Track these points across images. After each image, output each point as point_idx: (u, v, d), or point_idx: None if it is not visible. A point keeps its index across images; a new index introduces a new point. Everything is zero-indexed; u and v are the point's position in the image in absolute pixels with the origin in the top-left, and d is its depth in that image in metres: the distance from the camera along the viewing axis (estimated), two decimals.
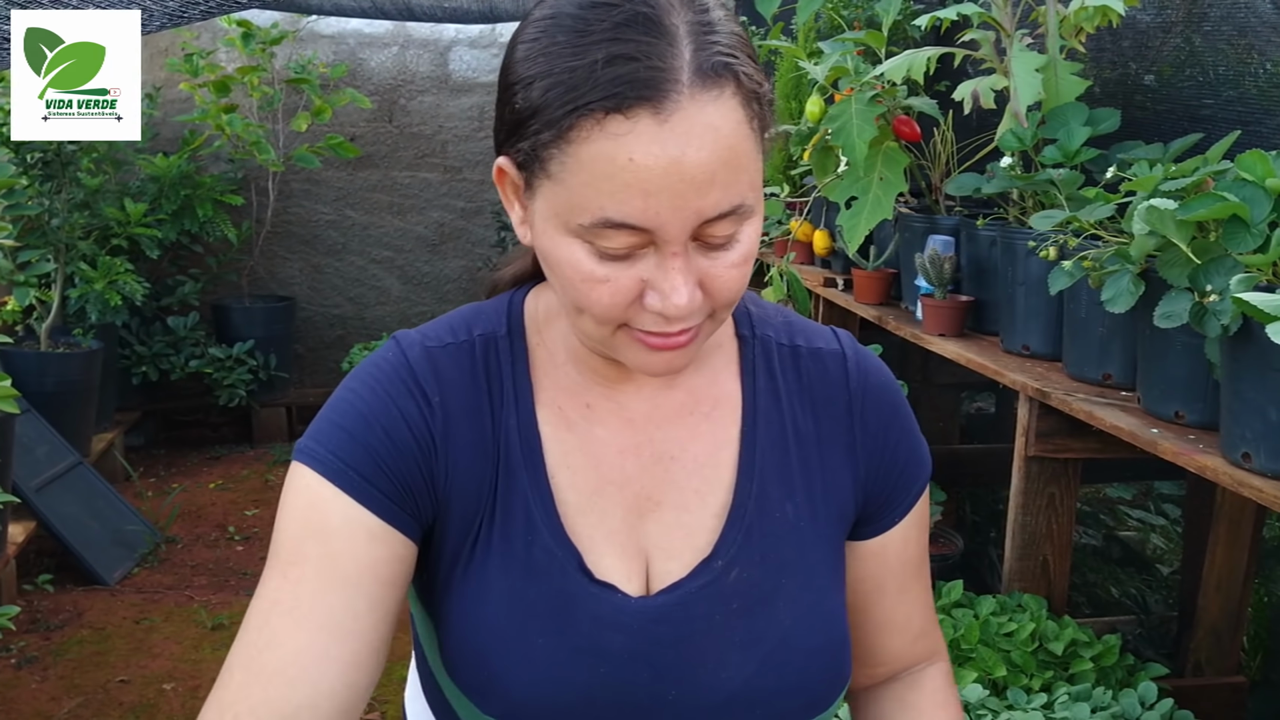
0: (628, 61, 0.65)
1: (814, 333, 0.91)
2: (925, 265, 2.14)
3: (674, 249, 0.69)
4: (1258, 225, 1.33)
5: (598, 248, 0.70)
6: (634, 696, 0.79)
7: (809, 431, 0.86)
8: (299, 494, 0.78)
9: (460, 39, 5.18)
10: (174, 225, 4.57)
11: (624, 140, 0.65)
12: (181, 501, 4.14)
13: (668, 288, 0.70)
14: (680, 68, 0.66)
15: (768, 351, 0.88)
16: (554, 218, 0.71)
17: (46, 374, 3.82)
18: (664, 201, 0.67)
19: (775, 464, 0.84)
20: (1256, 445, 1.32)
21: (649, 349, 0.74)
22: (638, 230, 0.68)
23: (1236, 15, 1.89)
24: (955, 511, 3.11)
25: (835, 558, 0.87)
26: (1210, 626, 2.15)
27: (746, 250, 0.73)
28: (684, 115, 0.66)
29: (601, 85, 0.65)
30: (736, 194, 0.69)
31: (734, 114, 0.68)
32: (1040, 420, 1.81)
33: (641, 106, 0.65)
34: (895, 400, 0.91)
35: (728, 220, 0.69)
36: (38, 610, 3.24)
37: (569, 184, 0.68)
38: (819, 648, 0.83)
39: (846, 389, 0.88)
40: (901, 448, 0.90)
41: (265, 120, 4.83)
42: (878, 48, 2.23)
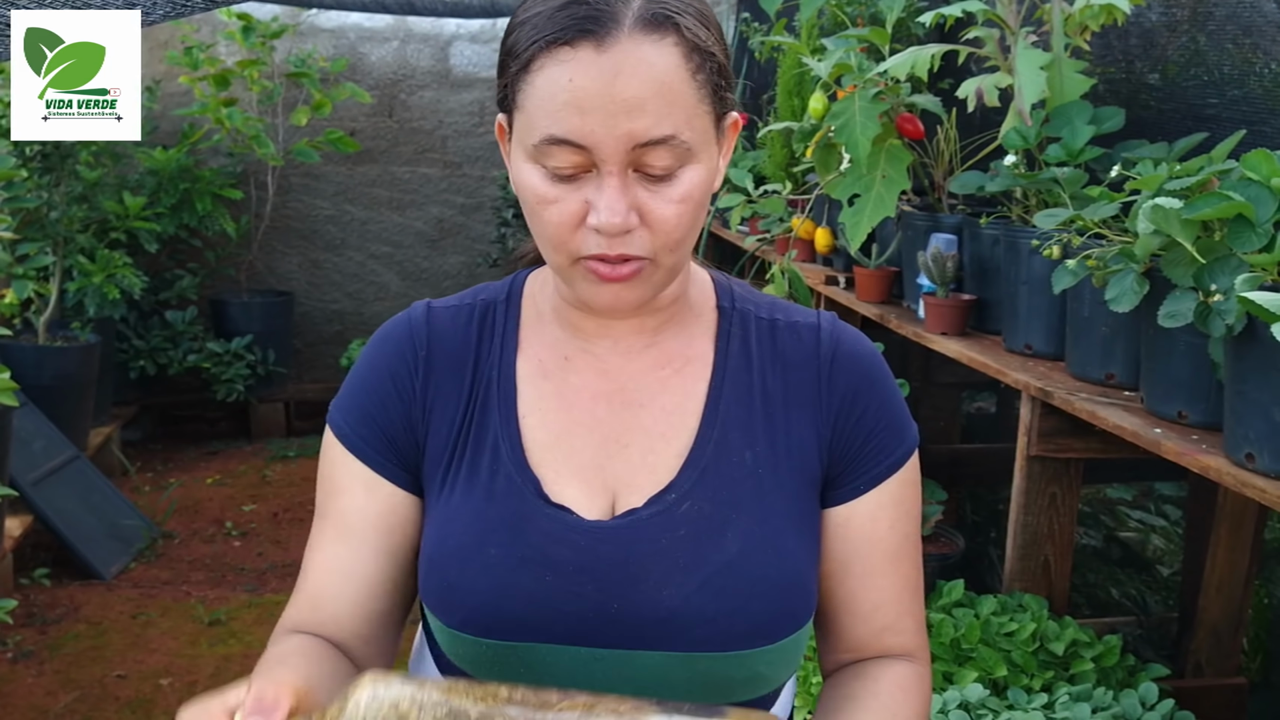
0: (580, 5, 0.77)
1: (796, 311, 0.98)
2: (928, 263, 2.13)
3: (610, 168, 0.78)
4: (1263, 225, 1.32)
5: (548, 169, 0.80)
6: (579, 607, 0.86)
7: (776, 392, 0.92)
8: (325, 453, 0.95)
9: (461, 34, 5.17)
10: (173, 219, 4.55)
11: (567, 65, 0.77)
12: (179, 496, 4.13)
13: (603, 204, 0.78)
14: (625, 13, 0.77)
15: (745, 322, 0.95)
16: (518, 145, 0.83)
17: (44, 367, 3.81)
18: (598, 120, 0.76)
19: (738, 417, 0.91)
20: (1260, 446, 1.32)
21: (598, 280, 0.82)
22: (577, 147, 0.78)
23: (1242, 14, 1.88)
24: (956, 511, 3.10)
25: (797, 508, 0.91)
26: (1211, 627, 2.14)
27: (686, 190, 0.81)
28: (621, 49, 0.77)
29: (556, 22, 0.77)
30: (669, 125, 0.78)
31: (671, 57, 0.78)
32: (1042, 420, 1.80)
33: (585, 39, 0.77)
34: (869, 369, 0.95)
35: (662, 150, 0.78)
36: (34, 604, 3.23)
37: (527, 109, 0.80)
38: (765, 578, 0.87)
39: (817, 354, 0.93)
40: (871, 413, 0.93)
41: (265, 114, 4.82)
42: (881, 45, 2.23)
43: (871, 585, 0.94)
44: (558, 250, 0.83)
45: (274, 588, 3.44)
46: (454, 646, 0.90)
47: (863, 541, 0.93)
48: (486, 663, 0.88)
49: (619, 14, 0.77)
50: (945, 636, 1.80)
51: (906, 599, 0.95)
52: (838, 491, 0.93)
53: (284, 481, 4.36)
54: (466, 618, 0.87)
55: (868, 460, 0.93)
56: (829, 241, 2.74)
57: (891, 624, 0.95)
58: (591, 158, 0.78)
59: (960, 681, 1.70)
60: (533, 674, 0.87)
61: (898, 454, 0.94)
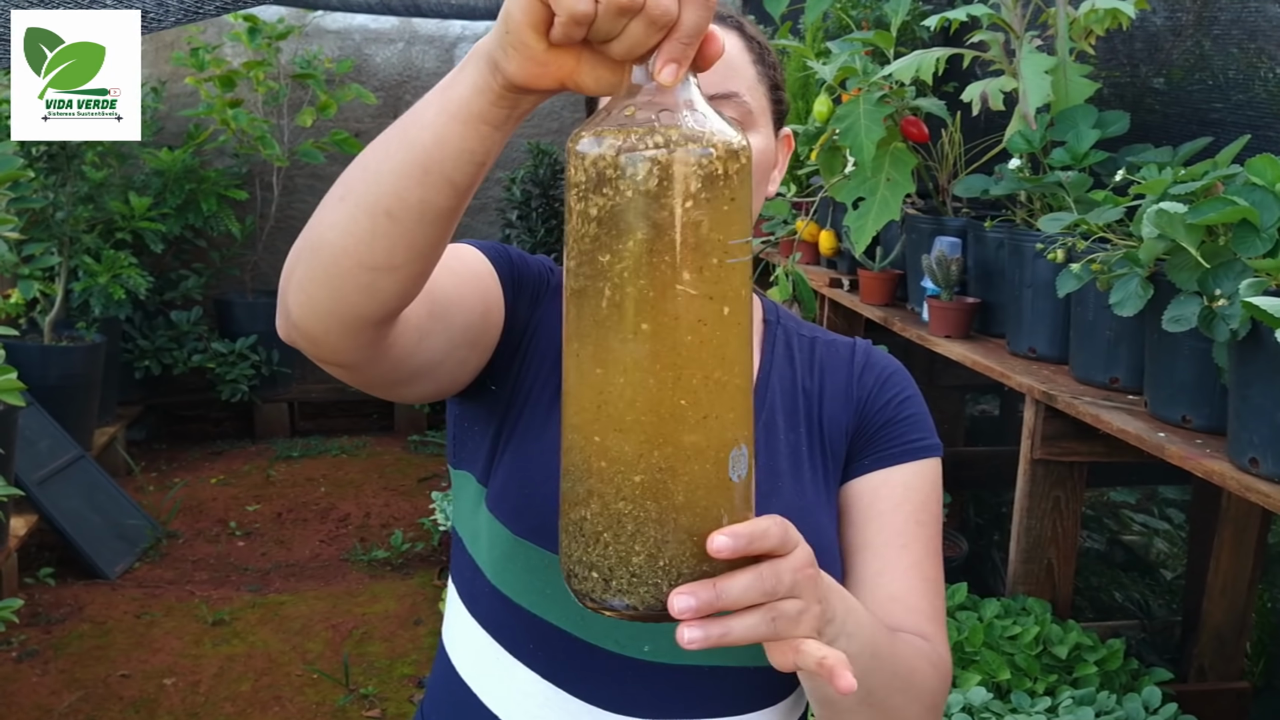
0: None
1: (833, 334, 1.05)
2: (932, 266, 2.13)
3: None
4: (1268, 230, 1.33)
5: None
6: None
7: (815, 391, 0.99)
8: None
9: (466, 35, 5.18)
10: (178, 219, 4.56)
11: None
12: (183, 496, 4.14)
13: None
14: None
15: (789, 336, 1.02)
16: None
17: (50, 367, 3.82)
18: None
19: (783, 405, 0.97)
20: (1264, 450, 1.32)
21: None
22: None
23: (1247, 18, 1.88)
24: (960, 514, 3.10)
25: (828, 490, 0.96)
26: (1214, 631, 2.14)
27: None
28: None
29: None
30: (734, 84, 0.89)
31: (735, 43, 0.91)
32: (1046, 423, 1.80)
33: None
34: (896, 374, 1.01)
35: (728, 104, 0.88)
36: (39, 604, 3.24)
37: None
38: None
39: (851, 361, 1.01)
40: (893, 406, 0.98)
41: (270, 115, 4.83)
42: (886, 48, 2.23)
43: (875, 555, 0.94)
44: None
45: (277, 588, 3.45)
46: (509, 562, 0.90)
47: (868, 511, 0.95)
48: (540, 580, 0.89)
49: None
50: (949, 639, 1.80)
51: (917, 580, 0.93)
52: (851, 468, 0.97)
53: (288, 482, 4.37)
54: (538, 526, 0.88)
55: (883, 441, 0.97)
56: (833, 244, 2.74)
57: (900, 596, 0.92)
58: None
59: (964, 685, 1.71)
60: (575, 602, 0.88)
61: (914, 445, 0.97)
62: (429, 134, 0.64)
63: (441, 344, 0.82)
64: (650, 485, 0.60)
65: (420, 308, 0.77)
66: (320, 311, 0.71)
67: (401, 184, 0.65)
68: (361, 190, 0.67)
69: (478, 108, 0.63)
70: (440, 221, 0.67)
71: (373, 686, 2.85)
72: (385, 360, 0.77)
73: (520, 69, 0.61)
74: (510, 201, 5.06)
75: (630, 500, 0.61)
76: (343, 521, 4.00)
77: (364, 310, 0.70)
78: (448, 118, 0.63)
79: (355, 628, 3.17)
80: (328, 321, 0.71)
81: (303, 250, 0.71)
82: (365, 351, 0.74)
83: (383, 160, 0.66)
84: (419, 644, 3.08)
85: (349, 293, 0.69)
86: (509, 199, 5.07)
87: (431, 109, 0.65)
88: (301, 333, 0.73)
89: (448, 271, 0.83)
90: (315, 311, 0.71)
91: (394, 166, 0.66)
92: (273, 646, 3.06)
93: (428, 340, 0.80)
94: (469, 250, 0.92)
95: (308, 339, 0.73)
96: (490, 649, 0.93)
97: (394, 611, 3.29)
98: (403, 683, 2.89)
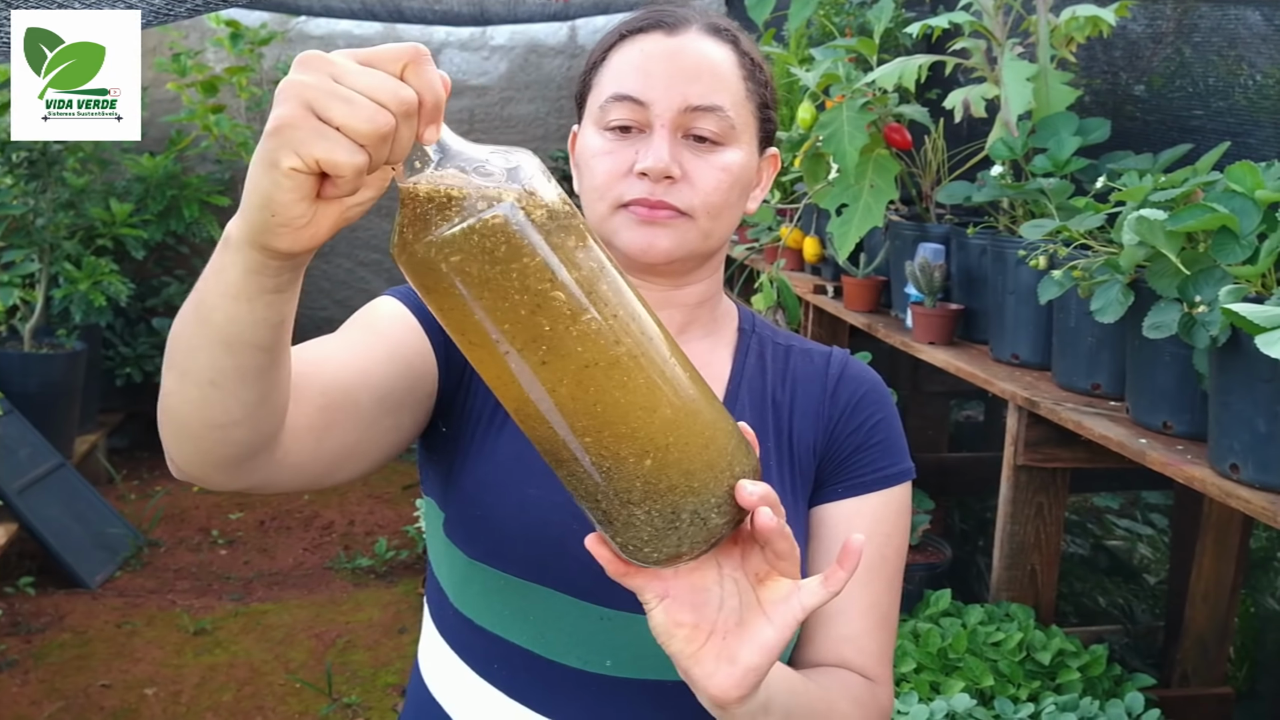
0: (655, 11, 0.93)
1: (811, 343, 1.03)
2: (915, 273, 2.13)
3: (662, 123, 0.89)
4: (1247, 237, 1.33)
5: (606, 124, 0.90)
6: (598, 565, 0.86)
7: (785, 402, 0.98)
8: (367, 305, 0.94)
9: (451, 41, 5.17)
10: (160, 226, 4.53)
11: (639, 42, 0.92)
12: (165, 504, 4.11)
13: (651, 150, 0.88)
14: (693, 20, 0.93)
15: (762, 345, 1.01)
16: (586, 120, 0.94)
17: (30, 375, 3.78)
18: (659, 80, 0.89)
19: (752, 418, 0.96)
20: (1244, 456, 1.32)
21: (637, 222, 0.89)
22: (636, 103, 0.89)
23: (1226, 26, 1.90)
24: (944, 520, 3.10)
25: (798, 508, 0.95)
26: (1197, 637, 2.15)
27: (728, 162, 0.91)
28: (688, 36, 0.91)
29: (632, 21, 0.94)
30: (719, 98, 0.90)
31: (728, 55, 0.92)
32: (1029, 429, 1.81)
33: (657, 29, 0.92)
34: (871, 390, 0.99)
35: (711, 117, 0.89)
36: (19, 613, 3.21)
37: (600, 85, 0.92)
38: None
39: (825, 373, 0.99)
40: (866, 428, 0.97)
41: (253, 121, 4.81)
42: (869, 55, 2.24)
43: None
44: (603, 197, 0.90)
45: (260, 596, 3.42)
46: (467, 585, 0.91)
47: (833, 544, 0.94)
48: (498, 602, 0.90)
49: (688, 19, 0.93)
50: (932, 646, 1.80)
51: (873, 619, 0.94)
52: (820, 492, 0.96)
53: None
54: (492, 549, 0.89)
55: (853, 468, 0.96)
56: (817, 251, 2.74)
57: (853, 638, 0.93)
58: (648, 115, 0.89)
59: (947, 691, 1.71)
60: (540, 621, 0.89)
61: (885, 473, 0.96)
62: (219, 314, 0.64)
63: (351, 429, 0.81)
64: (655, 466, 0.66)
65: (306, 410, 0.76)
66: (193, 461, 0.71)
67: (212, 358, 0.66)
68: (183, 363, 0.68)
69: (259, 285, 0.63)
70: (264, 376, 0.68)
71: (356, 696, 2.83)
72: (287, 470, 0.76)
73: (296, 240, 0.60)
74: None
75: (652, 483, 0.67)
76: (326, 529, 3.98)
77: (229, 455, 0.71)
78: (230, 300, 0.63)
79: (339, 636, 3.15)
80: (204, 468, 0.72)
81: (160, 409, 0.72)
82: (259, 475, 0.74)
83: (190, 337, 0.67)
84: (403, 652, 3.06)
85: (208, 446, 0.70)
86: None
87: (213, 293, 0.64)
88: (188, 476, 0.74)
89: (338, 359, 0.82)
90: (189, 461, 0.72)
91: (201, 343, 0.66)
92: (255, 656, 3.03)
93: (331, 433, 0.79)
94: (385, 306, 0.91)
95: (196, 480, 0.74)
96: (458, 668, 0.93)
97: (378, 620, 3.27)
98: (386, 692, 2.88)
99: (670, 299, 0.96)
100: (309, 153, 0.56)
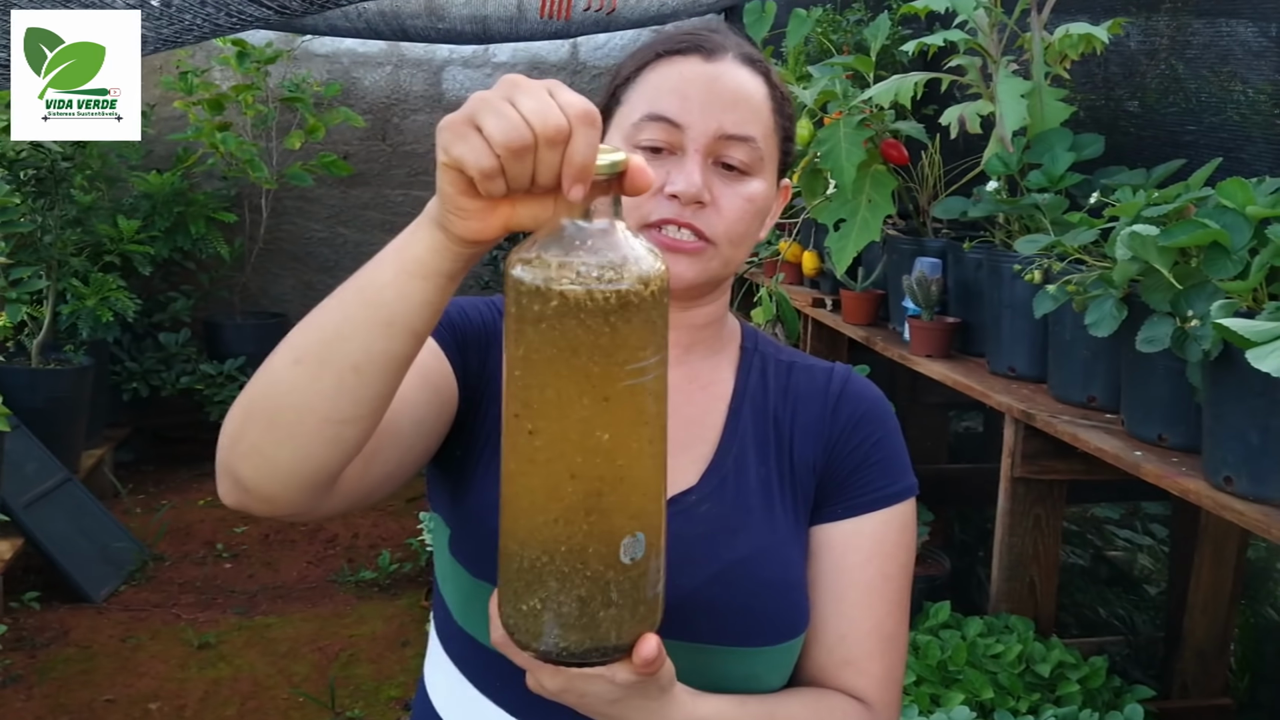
0: (695, 36, 0.93)
1: (814, 359, 1.04)
2: (912, 287, 2.15)
3: (695, 149, 0.89)
4: (1238, 252, 1.35)
5: (638, 142, 0.90)
6: None
7: (786, 420, 0.98)
8: None
9: (454, 59, 5.21)
10: (166, 242, 4.56)
11: (677, 64, 0.92)
12: (170, 518, 4.13)
13: (683, 174, 0.89)
14: (729, 47, 0.93)
15: (765, 362, 1.02)
16: (615, 131, 0.93)
17: (37, 390, 3.81)
18: (696, 105, 0.89)
19: (755, 437, 0.96)
20: (1238, 469, 1.34)
21: (660, 249, 0.88)
22: (672, 125, 0.89)
23: (1219, 42, 1.91)
24: (945, 531, 3.11)
25: (798, 527, 0.95)
26: (1196, 648, 2.16)
27: (754, 192, 0.92)
28: (725, 64, 0.92)
29: (671, 42, 0.93)
30: (753, 129, 0.91)
31: (761, 89, 0.93)
32: (1026, 442, 1.82)
33: (695, 52, 0.92)
34: (873, 408, 0.99)
35: (743, 147, 0.90)
36: (24, 628, 3.22)
37: (633, 101, 0.92)
38: (770, 581, 0.91)
39: (827, 390, 0.99)
40: (867, 447, 0.97)
41: (259, 138, 4.84)
42: (866, 72, 2.26)
43: (838, 614, 0.94)
44: (629, 214, 0.89)
45: (264, 610, 3.44)
46: (472, 603, 0.92)
47: (834, 566, 0.94)
48: None
49: (725, 45, 0.93)
50: (932, 659, 1.81)
51: (875, 642, 0.94)
52: (821, 512, 0.96)
53: None
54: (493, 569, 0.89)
55: (854, 488, 0.95)
56: (816, 265, 2.76)
57: (855, 661, 0.93)
58: (682, 138, 0.89)
59: (947, 704, 1.71)
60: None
61: (886, 492, 0.96)
62: (391, 291, 0.69)
63: (393, 454, 0.84)
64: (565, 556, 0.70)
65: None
66: (280, 472, 0.73)
67: (367, 340, 0.70)
68: (322, 351, 0.71)
69: (436, 264, 0.69)
70: (401, 370, 0.72)
71: (359, 709, 2.84)
72: (337, 497, 0.79)
73: (465, 228, 0.67)
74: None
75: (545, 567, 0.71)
76: (330, 542, 3.99)
77: (329, 463, 0.73)
78: (408, 276, 0.69)
79: (342, 650, 3.16)
80: (288, 480, 0.74)
81: (253, 416, 0.74)
82: (319, 499, 0.77)
83: (342, 322, 0.71)
84: (406, 666, 3.07)
85: (314, 449, 0.72)
86: None
87: (389, 269, 0.70)
88: (255, 496, 0.75)
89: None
90: (274, 473, 0.73)
91: (358, 327, 0.70)
92: (259, 669, 3.05)
93: (377, 459, 0.81)
94: None
95: (262, 500, 0.75)
96: (461, 685, 0.94)
97: (381, 633, 3.28)
98: (390, 705, 2.88)
99: (679, 320, 0.95)
100: (449, 150, 0.64)
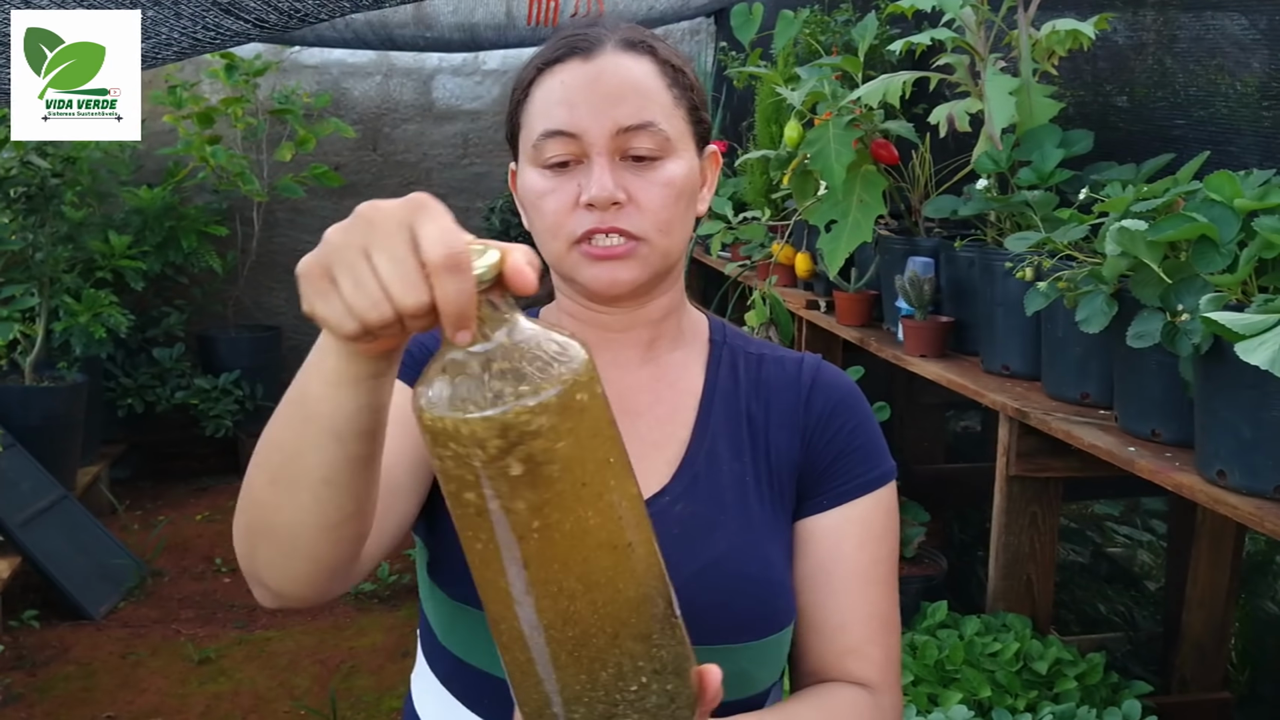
0: (568, 37, 0.92)
1: (783, 350, 1.04)
2: (905, 287, 2.15)
3: (599, 151, 0.88)
4: (1226, 245, 1.35)
5: (543, 162, 0.89)
6: None
7: (759, 414, 0.98)
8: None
9: (443, 67, 5.21)
10: (158, 257, 4.56)
11: (558, 73, 0.90)
12: (168, 534, 4.12)
13: (593, 180, 0.87)
14: (607, 39, 0.91)
15: (734, 355, 1.01)
16: (522, 157, 0.92)
17: (31, 408, 3.80)
18: (585, 110, 0.88)
19: (726, 433, 0.96)
20: (1231, 462, 1.33)
21: (594, 260, 0.89)
22: (569, 136, 0.88)
23: (1207, 37, 1.92)
24: (943, 531, 3.11)
25: (776, 521, 0.95)
26: (1194, 643, 2.15)
27: (669, 176, 0.90)
28: (604, 57, 0.90)
29: (547, 51, 0.92)
30: (649, 114, 0.89)
31: (647, 67, 0.91)
32: (1021, 440, 1.82)
33: (573, 56, 0.90)
34: (846, 396, 1.00)
35: (644, 134, 0.88)
36: (23, 646, 3.21)
37: (528, 122, 0.91)
38: (749, 577, 0.91)
39: (798, 381, 0.99)
40: (844, 435, 0.97)
41: (249, 151, 4.84)
42: (854, 72, 2.26)
43: (836, 604, 0.94)
44: (555, 236, 0.90)
45: (264, 624, 3.43)
46: (454, 623, 0.93)
47: (827, 557, 0.95)
48: (484, 640, 0.89)
49: (602, 39, 0.91)
50: (929, 658, 1.81)
51: (874, 626, 0.95)
52: (805, 504, 0.96)
53: None
54: (473, 592, 0.88)
55: (836, 477, 0.96)
56: (809, 266, 2.76)
57: (856, 648, 0.95)
58: (582, 145, 0.88)
59: (945, 703, 1.71)
60: None
61: (867, 477, 0.97)
62: (326, 404, 0.67)
63: (401, 507, 0.87)
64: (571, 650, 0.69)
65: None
66: (302, 576, 0.75)
67: (323, 454, 0.69)
68: (288, 471, 0.71)
69: (354, 371, 0.66)
70: (372, 464, 0.71)
71: None
72: (364, 562, 0.82)
73: (368, 348, 0.64)
74: (490, 231, 5.08)
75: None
76: None
77: (342, 557, 0.75)
78: (333, 387, 0.67)
79: (343, 662, 3.16)
80: (311, 579, 0.75)
81: (255, 534, 0.75)
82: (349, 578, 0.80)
83: (294, 439, 0.70)
84: (407, 676, 3.05)
85: (322, 552, 0.73)
86: (489, 229, 5.09)
87: (314, 382, 0.68)
88: (290, 598, 0.77)
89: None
90: (296, 579, 0.75)
91: (309, 443, 0.69)
92: (260, 683, 3.04)
93: (389, 516, 0.85)
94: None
95: (298, 599, 0.77)
96: (448, 701, 0.95)
97: (381, 644, 3.27)
98: (391, 716, 2.88)
99: (636, 319, 0.97)
100: (311, 305, 0.61)
